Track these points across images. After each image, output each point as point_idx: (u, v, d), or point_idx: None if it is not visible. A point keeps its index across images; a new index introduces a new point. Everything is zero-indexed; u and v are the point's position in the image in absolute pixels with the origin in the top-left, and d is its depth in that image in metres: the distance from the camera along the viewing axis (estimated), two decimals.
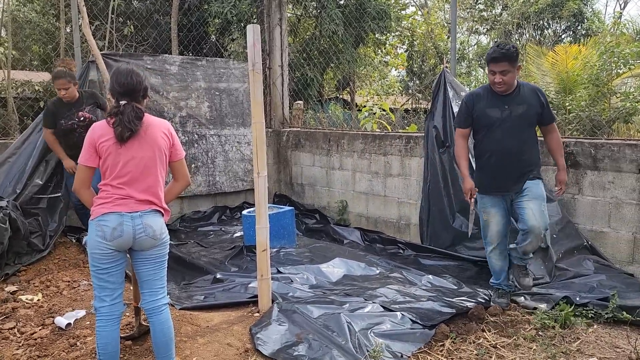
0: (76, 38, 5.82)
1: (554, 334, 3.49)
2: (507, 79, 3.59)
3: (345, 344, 3.27)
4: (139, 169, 2.76)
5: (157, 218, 2.84)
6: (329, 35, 9.62)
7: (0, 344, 3.44)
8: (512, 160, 3.71)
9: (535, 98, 3.71)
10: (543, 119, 3.78)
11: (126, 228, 2.71)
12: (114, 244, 2.71)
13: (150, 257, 2.84)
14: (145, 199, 2.79)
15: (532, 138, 3.75)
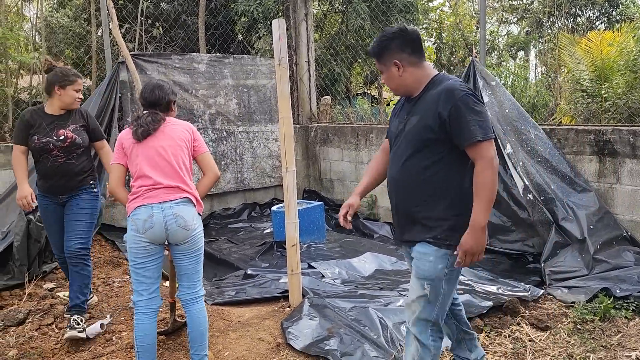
0: (106, 40, 5.92)
1: (593, 327, 3.38)
2: (385, 81, 2.47)
3: (377, 338, 3.24)
4: (162, 156, 2.86)
5: (188, 208, 2.88)
6: (355, 30, 9.56)
7: (40, 339, 3.53)
8: (395, 202, 2.47)
9: (434, 104, 2.24)
10: (447, 137, 2.23)
11: (157, 219, 2.78)
12: (147, 235, 2.78)
13: (186, 251, 2.90)
14: (175, 185, 2.85)
15: (428, 169, 2.29)
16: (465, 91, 2.19)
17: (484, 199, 2.15)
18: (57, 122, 3.61)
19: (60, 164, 3.59)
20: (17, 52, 7.09)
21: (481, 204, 2.15)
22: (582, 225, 4.33)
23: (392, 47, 2.35)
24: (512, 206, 4.93)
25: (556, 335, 3.32)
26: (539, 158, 4.74)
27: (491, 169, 2.15)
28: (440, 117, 2.20)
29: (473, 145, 2.16)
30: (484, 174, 2.15)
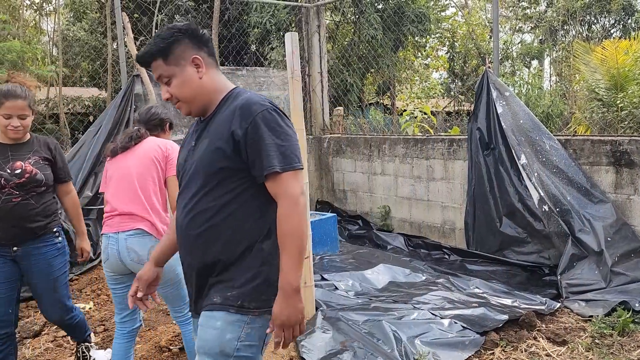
0: (122, 53, 6.00)
1: (611, 342, 3.32)
2: (176, 88, 1.78)
3: (391, 352, 3.22)
4: (126, 178, 2.71)
5: (143, 240, 2.66)
6: (367, 41, 9.58)
7: (55, 351, 3.56)
8: (188, 261, 1.84)
9: (228, 122, 1.71)
10: (245, 165, 1.71)
11: (111, 251, 2.67)
12: (106, 266, 2.72)
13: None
14: (128, 212, 2.67)
15: (222, 210, 1.72)
16: (267, 106, 1.69)
17: (292, 252, 1.63)
18: (11, 152, 2.83)
19: (15, 204, 2.80)
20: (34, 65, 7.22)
21: (290, 260, 1.63)
22: (599, 237, 4.27)
23: (187, 41, 1.77)
24: (528, 217, 4.88)
25: (574, 350, 3.26)
26: (554, 169, 4.69)
27: (296, 212, 1.62)
28: (234, 137, 1.66)
29: (272, 177, 1.64)
30: (287, 220, 1.62)
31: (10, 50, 6.32)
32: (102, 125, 5.59)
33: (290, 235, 1.63)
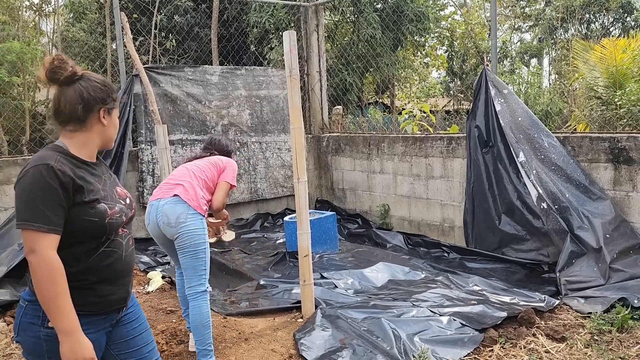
0: (120, 54, 6.01)
1: (610, 338, 3.33)
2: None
3: (390, 349, 3.22)
4: (184, 168, 3.38)
5: (176, 206, 3.11)
6: (366, 40, 9.58)
7: None
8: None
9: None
10: None
11: (151, 216, 3.22)
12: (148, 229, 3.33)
13: (176, 247, 3.15)
14: (176, 182, 3.22)
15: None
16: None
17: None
18: (100, 173, 1.93)
19: (132, 247, 1.99)
20: (34, 66, 7.22)
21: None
22: (598, 234, 4.28)
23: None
24: (526, 215, 4.89)
25: (573, 347, 3.27)
26: (553, 166, 4.70)
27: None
28: None
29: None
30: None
31: (10, 51, 6.33)
32: None
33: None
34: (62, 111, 1.80)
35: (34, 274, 1.66)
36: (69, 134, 1.83)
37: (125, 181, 5.83)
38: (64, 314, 1.67)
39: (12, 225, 4.94)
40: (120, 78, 6.11)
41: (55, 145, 1.81)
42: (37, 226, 1.65)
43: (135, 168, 6.04)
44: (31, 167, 1.69)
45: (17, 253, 4.57)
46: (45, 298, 1.67)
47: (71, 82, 1.80)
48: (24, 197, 1.67)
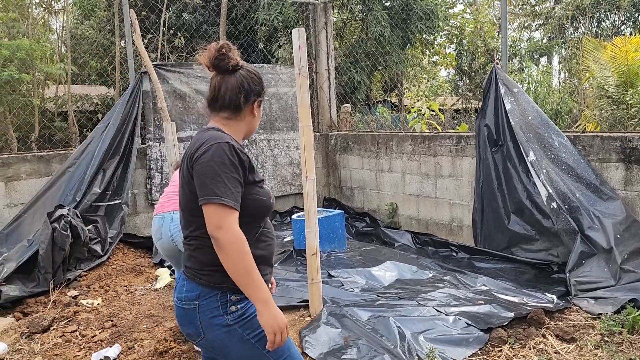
0: (129, 51, 6.02)
1: (621, 339, 3.29)
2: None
3: (394, 348, 3.21)
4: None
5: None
6: (375, 38, 9.54)
7: (64, 346, 3.58)
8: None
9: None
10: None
11: (164, 231, 2.98)
12: (158, 245, 3.11)
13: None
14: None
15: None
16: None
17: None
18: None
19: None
20: (43, 63, 7.25)
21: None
22: (609, 234, 4.23)
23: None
24: (536, 215, 4.86)
25: (582, 348, 3.24)
26: (563, 166, 4.65)
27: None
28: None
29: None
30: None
31: (19, 48, 6.34)
32: (110, 122, 5.63)
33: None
34: (222, 98, 1.85)
35: (223, 249, 1.65)
36: (224, 120, 1.88)
37: (134, 178, 5.84)
38: (259, 284, 1.69)
39: (22, 221, 4.98)
40: (129, 75, 6.12)
41: (216, 128, 1.84)
42: (227, 201, 1.65)
43: (143, 165, 6.05)
44: (213, 144, 1.70)
45: (26, 249, 4.60)
46: (241, 271, 1.66)
47: (234, 70, 1.86)
48: (211, 173, 1.67)
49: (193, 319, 1.77)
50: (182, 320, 1.81)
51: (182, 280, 1.82)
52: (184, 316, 1.80)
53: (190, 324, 1.78)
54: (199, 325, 1.76)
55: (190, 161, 1.73)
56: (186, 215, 1.81)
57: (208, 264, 1.75)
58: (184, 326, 1.81)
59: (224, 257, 1.66)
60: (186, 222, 1.82)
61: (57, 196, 5.15)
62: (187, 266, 1.81)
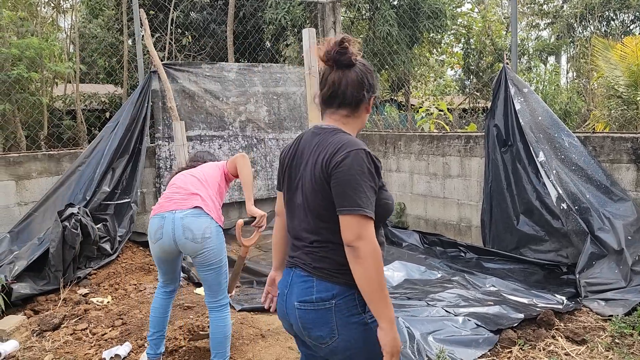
0: (139, 50, 6.04)
1: (632, 341, 3.28)
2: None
3: (404, 348, 3.21)
4: (193, 174, 3.17)
5: (199, 219, 2.88)
6: (383, 37, 9.52)
7: (74, 343, 3.60)
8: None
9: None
10: None
11: (165, 230, 2.92)
12: (157, 245, 3.03)
13: (197, 263, 2.95)
14: (192, 192, 2.99)
15: None
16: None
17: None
18: None
19: None
20: (52, 62, 7.29)
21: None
22: (619, 235, 4.21)
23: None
24: (545, 215, 4.84)
25: (593, 350, 3.22)
26: (573, 166, 4.63)
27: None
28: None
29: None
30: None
31: (28, 47, 6.38)
32: (120, 121, 5.65)
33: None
34: (342, 94, 1.77)
35: (363, 261, 1.59)
36: (343, 119, 1.82)
37: (143, 177, 5.86)
38: (388, 301, 1.63)
39: (32, 220, 5.01)
40: (137, 74, 6.14)
41: (339, 129, 1.77)
42: (369, 213, 1.60)
43: (152, 164, 6.07)
44: (351, 151, 1.64)
45: (36, 247, 4.63)
46: (374, 284, 1.60)
47: (352, 65, 1.77)
48: (353, 183, 1.61)
49: (328, 320, 1.69)
50: (314, 322, 1.71)
51: (307, 282, 1.73)
52: (316, 318, 1.71)
53: (323, 325, 1.70)
54: (334, 325, 1.69)
55: (327, 167, 1.66)
56: (316, 221, 1.73)
57: (344, 264, 1.67)
58: (315, 329, 1.71)
59: (359, 268, 1.60)
60: (315, 227, 1.74)
61: (68, 195, 5.17)
62: (318, 267, 1.73)
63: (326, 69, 1.80)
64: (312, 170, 1.72)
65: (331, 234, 1.69)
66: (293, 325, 1.80)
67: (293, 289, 1.78)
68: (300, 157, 1.81)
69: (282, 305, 1.84)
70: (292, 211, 1.84)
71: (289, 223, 1.86)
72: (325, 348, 1.73)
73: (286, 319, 1.83)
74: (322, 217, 1.70)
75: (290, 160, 1.85)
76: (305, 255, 1.77)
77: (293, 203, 1.82)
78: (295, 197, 1.81)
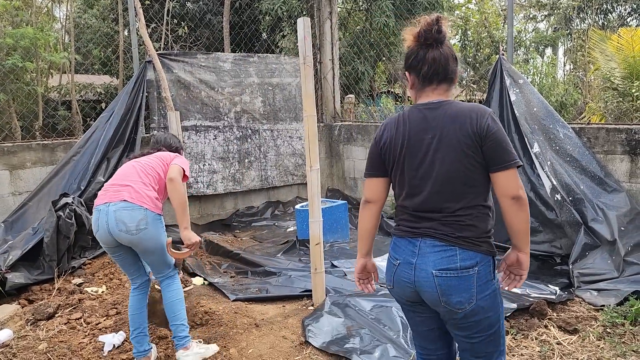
0: (134, 40, 6.01)
1: (623, 331, 3.30)
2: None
3: (397, 337, 3.23)
4: (131, 166, 3.14)
5: (132, 213, 2.88)
6: (379, 28, 9.50)
7: (68, 332, 3.61)
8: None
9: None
10: None
11: (100, 223, 2.95)
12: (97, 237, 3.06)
13: (138, 252, 3.03)
14: (124, 184, 2.99)
15: None
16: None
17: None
18: None
19: None
20: (47, 51, 7.24)
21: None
22: (613, 226, 4.23)
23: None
24: (540, 206, 4.84)
25: (585, 339, 3.24)
26: (568, 157, 4.64)
27: None
28: None
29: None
30: None
31: (23, 37, 6.34)
32: (115, 111, 5.62)
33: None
34: (443, 70, 1.88)
35: (526, 207, 1.82)
36: (446, 93, 1.93)
37: None
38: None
39: (26, 209, 4.99)
40: (132, 64, 6.11)
41: (452, 100, 1.91)
42: (520, 162, 1.82)
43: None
44: (487, 113, 1.81)
45: (31, 237, 4.62)
46: (527, 226, 1.87)
47: (444, 42, 1.88)
48: (506, 139, 1.80)
49: (469, 286, 1.83)
50: (456, 289, 1.83)
51: (448, 251, 1.84)
52: (458, 285, 1.83)
53: (464, 292, 1.83)
54: (474, 291, 1.83)
55: (479, 131, 1.79)
56: (463, 187, 1.84)
57: (486, 231, 1.87)
58: (455, 295, 1.83)
59: (523, 215, 1.83)
60: (461, 194, 1.84)
61: (62, 185, 5.16)
62: (462, 236, 1.84)
63: (416, 48, 1.89)
64: (457, 139, 1.81)
65: (478, 196, 1.86)
66: (425, 292, 1.89)
67: (427, 258, 1.87)
68: (418, 134, 1.88)
69: (408, 274, 1.92)
70: (414, 188, 1.91)
71: (408, 200, 1.94)
72: (460, 313, 1.85)
73: (410, 287, 1.93)
74: (471, 182, 1.83)
75: (404, 141, 1.91)
76: (443, 225, 1.87)
77: (415, 180, 1.90)
78: (418, 173, 1.89)
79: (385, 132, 1.98)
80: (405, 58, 1.97)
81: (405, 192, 1.95)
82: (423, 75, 1.89)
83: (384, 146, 1.97)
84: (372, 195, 2.07)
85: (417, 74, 1.92)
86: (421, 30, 1.83)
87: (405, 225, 1.97)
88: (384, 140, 1.97)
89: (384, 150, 1.97)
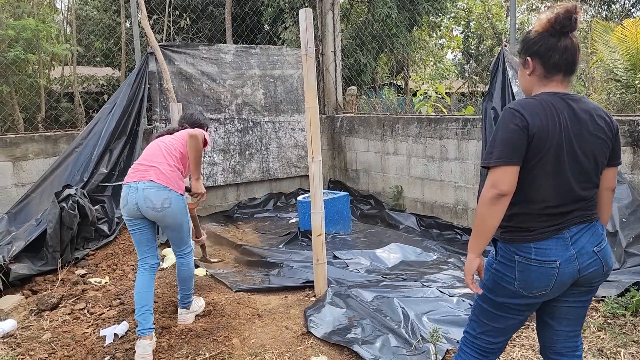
0: (135, 31, 6.00)
1: (624, 322, 3.31)
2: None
3: (398, 328, 3.25)
4: (155, 145, 3.39)
5: (159, 192, 3.17)
6: (382, 19, 9.46)
7: (72, 323, 3.63)
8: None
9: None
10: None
11: (130, 198, 3.22)
12: (124, 211, 3.31)
13: (162, 226, 3.33)
14: (152, 165, 3.25)
15: None
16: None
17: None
18: None
19: None
20: (49, 43, 7.24)
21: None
22: (614, 218, 4.23)
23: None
24: None
25: (586, 330, 3.26)
26: None
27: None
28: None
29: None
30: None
31: (25, 29, 6.33)
32: (117, 103, 5.63)
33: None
34: (573, 61, 1.90)
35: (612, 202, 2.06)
36: (569, 85, 1.96)
37: None
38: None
39: (30, 201, 5.02)
40: (134, 56, 6.11)
41: (580, 96, 1.97)
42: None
43: None
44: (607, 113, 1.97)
45: (34, 228, 4.65)
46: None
47: (574, 33, 1.89)
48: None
49: (610, 249, 2.04)
50: (610, 254, 2.00)
51: (594, 226, 1.96)
52: (609, 251, 2.00)
53: (610, 258, 2.00)
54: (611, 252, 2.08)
55: (613, 128, 1.94)
56: (598, 176, 1.96)
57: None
58: (610, 258, 1.99)
59: (610, 207, 2.09)
60: (596, 182, 1.96)
61: (65, 176, 5.18)
62: (595, 212, 1.99)
63: (547, 35, 1.87)
64: (604, 131, 1.90)
65: (595, 188, 2.00)
66: (589, 273, 1.93)
67: (581, 241, 1.93)
68: (573, 125, 1.86)
69: (572, 266, 1.91)
70: (564, 177, 1.89)
71: (553, 195, 1.88)
72: (599, 282, 1.99)
73: (572, 279, 1.93)
74: (596, 175, 1.96)
75: (564, 130, 1.85)
76: (583, 211, 1.95)
77: (564, 170, 1.87)
78: (570, 164, 1.88)
79: (534, 119, 1.82)
80: (528, 42, 1.92)
81: (553, 184, 1.88)
82: (553, 63, 1.86)
83: (535, 135, 1.82)
84: (510, 187, 1.87)
85: (544, 61, 1.87)
86: (559, 16, 1.79)
87: (544, 225, 1.90)
88: (536, 128, 1.81)
89: (535, 138, 1.82)
